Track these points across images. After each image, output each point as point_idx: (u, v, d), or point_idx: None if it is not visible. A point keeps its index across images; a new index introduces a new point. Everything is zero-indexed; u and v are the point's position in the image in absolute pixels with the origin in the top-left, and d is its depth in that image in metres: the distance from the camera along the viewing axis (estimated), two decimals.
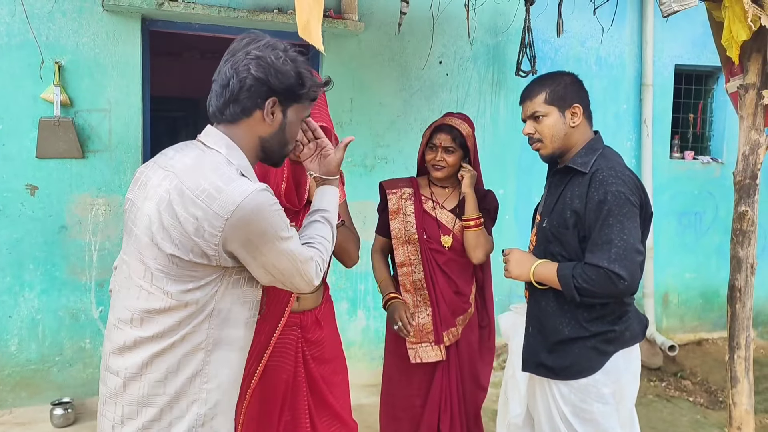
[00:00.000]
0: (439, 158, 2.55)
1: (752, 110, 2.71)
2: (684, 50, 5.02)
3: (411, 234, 2.58)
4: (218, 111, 1.48)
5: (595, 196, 1.93)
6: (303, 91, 1.49)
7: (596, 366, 1.99)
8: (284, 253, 1.45)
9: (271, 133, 1.50)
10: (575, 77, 2.13)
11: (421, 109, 4.32)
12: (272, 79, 1.44)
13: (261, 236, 1.40)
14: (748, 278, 2.74)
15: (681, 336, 5.18)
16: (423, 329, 2.56)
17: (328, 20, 3.90)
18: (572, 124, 2.06)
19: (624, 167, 2.00)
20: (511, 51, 4.42)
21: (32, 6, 3.48)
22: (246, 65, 1.43)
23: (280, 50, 1.46)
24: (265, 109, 1.46)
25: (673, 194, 5.11)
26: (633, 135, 4.95)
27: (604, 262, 1.87)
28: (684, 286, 5.22)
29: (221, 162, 1.43)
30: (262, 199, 1.38)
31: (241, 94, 1.44)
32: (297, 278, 1.50)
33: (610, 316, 2.01)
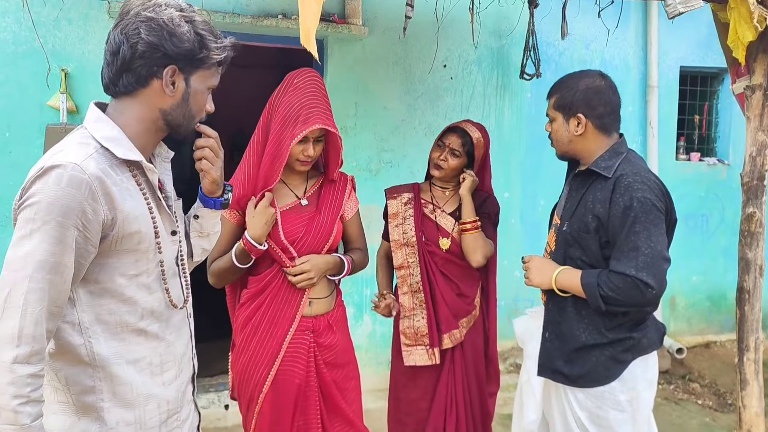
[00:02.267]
0: (443, 158, 2.57)
1: (759, 111, 2.71)
2: (689, 52, 5.01)
3: (409, 237, 2.60)
4: (111, 83, 1.32)
5: (620, 202, 1.88)
6: (204, 54, 1.32)
7: (613, 375, 1.96)
8: (12, 250, 1.19)
9: (173, 105, 1.33)
10: (597, 82, 2.03)
11: (426, 113, 4.32)
12: (167, 43, 1.27)
13: (20, 210, 1.21)
14: (756, 280, 2.74)
15: (689, 339, 5.15)
16: (418, 332, 2.56)
17: (332, 25, 3.91)
18: (576, 133, 2.02)
19: (649, 172, 1.96)
20: (516, 54, 4.42)
21: (38, 14, 3.49)
22: (136, 29, 1.26)
23: (174, 9, 1.29)
24: (164, 78, 1.29)
25: (680, 196, 5.05)
26: (639, 137, 4.94)
27: (632, 270, 1.84)
28: (691, 288, 5.19)
29: (76, 136, 1.30)
30: (56, 173, 1.19)
31: (134, 62, 1.27)
32: None
33: (629, 323, 1.98)
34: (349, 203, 2.29)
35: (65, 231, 1.18)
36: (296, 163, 2.11)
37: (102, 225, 1.24)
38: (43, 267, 1.16)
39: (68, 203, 1.18)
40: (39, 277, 1.16)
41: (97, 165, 1.23)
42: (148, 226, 1.33)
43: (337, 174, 2.27)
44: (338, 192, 2.26)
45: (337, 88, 4.12)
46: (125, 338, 1.32)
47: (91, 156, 1.24)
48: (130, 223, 1.28)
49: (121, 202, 1.26)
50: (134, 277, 1.32)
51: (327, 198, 2.22)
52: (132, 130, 1.32)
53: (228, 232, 2.13)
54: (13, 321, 1.14)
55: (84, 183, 1.20)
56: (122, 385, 1.31)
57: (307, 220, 2.16)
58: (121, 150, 1.28)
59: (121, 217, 1.26)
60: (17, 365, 1.13)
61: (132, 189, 1.31)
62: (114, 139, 1.28)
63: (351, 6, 4.02)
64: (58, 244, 1.18)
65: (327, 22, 3.92)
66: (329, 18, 3.96)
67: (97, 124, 1.30)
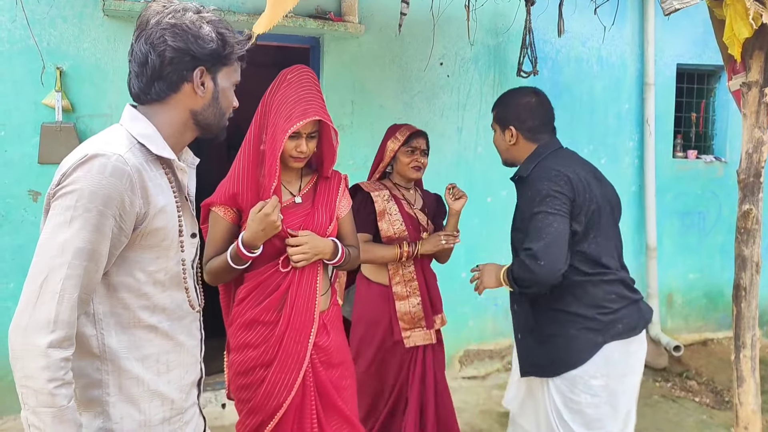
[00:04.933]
0: (418, 159, 2.78)
1: (755, 108, 2.70)
2: (685, 49, 5.01)
3: (401, 231, 2.73)
4: (142, 92, 1.35)
5: (526, 196, 2.11)
6: (228, 51, 1.38)
7: (584, 357, 2.02)
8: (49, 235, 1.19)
9: (204, 105, 1.38)
10: (527, 99, 2.28)
11: (422, 111, 4.32)
12: (193, 46, 1.31)
13: (59, 196, 1.20)
14: (753, 277, 2.73)
15: (686, 336, 5.15)
16: (415, 317, 2.74)
17: (329, 23, 3.90)
18: (510, 143, 2.29)
19: (560, 165, 2.11)
20: (513, 52, 4.42)
21: (33, 12, 3.48)
22: (161, 37, 1.30)
23: (193, 12, 1.34)
24: (194, 80, 1.34)
25: (676, 194, 5.09)
26: (635, 135, 4.94)
27: (525, 245, 2.02)
28: (688, 286, 5.20)
29: (115, 131, 1.33)
30: (100, 162, 1.21)
31: (164, 69, 1.31)
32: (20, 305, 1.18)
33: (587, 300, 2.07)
34: (343, 201, 2.28)
35: (105, 220, 1.20)
36: (289, 159, 2.10)
37: (136, 216, 1.26)
38: (81, 254, 1.18)
39: (110, 193, 1.20)
40: (77, 264, 1.17)
41: (137, 158, 1.27)
42: (174, 224, 1.35)
43: (331, 171, 2.26)
44: (333, 190, 2.25)
45: (333, 86, 4.11)
46: (136, 333, 1.33)
47: (129, 149, 1.27)
48: (159, 219, 1.31)
49: (154, 196, 1.29)
50: (153, 274, 1.33)
51: (322, 195, 2.22)
52: (164, 132, 1.35)
53: (223, 230, 2.12)
54: (50, 306, 1.15)
55: (126, 174, 1.22)
56: (129, 379, 1.31)
57: (303, 217, 2.15)
58: (155, 146, 1.31)
59: (153, 212, 1.29)
60: (52, 350, 1.15)
61: (164, 185, 1.34)
62: (149, 136, 1.32)
63: (347, 4, 4.01)
64: (97, 232, 1.19)
65: (323, 20, 3.91)
66: (325, 16, 3.95)
67: (133, 122, 1.33)
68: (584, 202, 2.08)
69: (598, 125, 4.83)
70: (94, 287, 1.24)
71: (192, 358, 1.46)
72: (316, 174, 2.28)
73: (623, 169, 4.92)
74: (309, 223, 2.14)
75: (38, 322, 1.15)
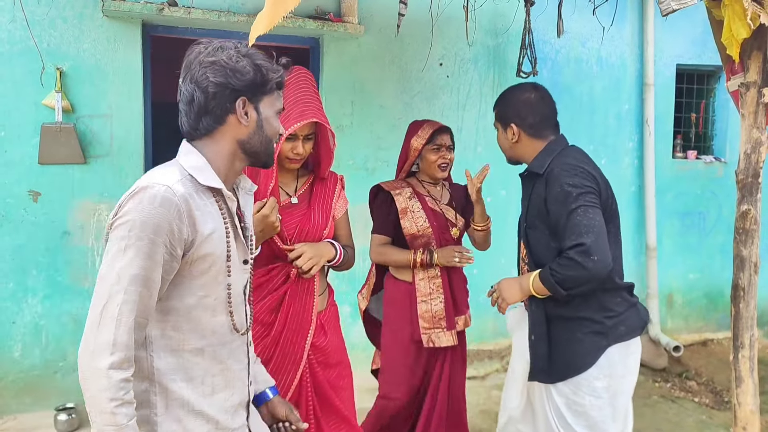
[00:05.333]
0: (445, 157, 2.73)
1: (753, 108, 2.70)
2: (685, 49, 5.01)
3: (425, 228, 2.69)
4: (192, 129, 1.45)
5: (554, 191, 2.02)
6: (266, 81, 1.46)
7: (590, 362, 2.01)
8: (108, 264, 1.29)
9: (250, 134, 1.46)
10: (527, 95, 2.23)
11: (422, 111, 4.32)
12: (232, 79, 1.40)
13: (114, 227, 1.31)
14: (751, 277, 2.73)
15: (686, 336, 5.15)
16: (436, 316, 2.67)
17: (328, 24, 3.91)
18: (512, 140, 2.24)
19: (579, 161, 2.07)
20: (512, 52, 4.42)
21: (33, 13, 3.49)
22: (203, 74, 1.41)
23: (231, 49, 1.44)
24: (237, 111, 1.43)
25: (676, 194, 5.09)
26: (635, 135, 4.94)
27: (571, 241, 1.92)
28: (688, 286, 5.20)
29: (168, 165, 1.43)
30: (150, 193, 1.30)
31: (209, 104, 1.42)
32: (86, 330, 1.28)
33: (596, 305, 2.03)
34: (339, 202, 2.29)
35: (156, 248, 1.28)
36: (285, 161, 2.11)
37: (184, 243, 1.34)
38: (135, 280, 1.27)
39: (159, 222, 1.28)
40: (132, 290, 1.26)
41: (184, 189, 1.35)
42: (222, 250, 1.41)
43: (328, 172, 2.27)
44: (329, 191, 2.26)
45: (333, 86, 4.12)
46: (183, 356, 1.40)
47: (179, 180, 1.36)
48: (206, 245, 1.37)
49: (201, 224, 1.36)
50: (202, 298, 1.40)
51: (318, 196, 2.22)
52: (215, 163, 1.44)
53: None
54: (109, 330, 1.25)
55: (173, 204, 1.31)
56: (176, 399, 1.38)
57: (299, 218, 2.16)
58: (203, 177, 1.40)
59: (200, 239, 1.36)
60: (112, 371, 1.24)
61: (214, 213, 1.42)
62: (199, 168, 1.41)
63: (347, 4, 4.01)
64: (149, 259, 1.28)
65: (323, 21, 3.92)
66: (325, 16, 3.96)
67: (185, 155, 1.44)
68: (606, 200, 2.06)
69: (598, 126, 4.83)
70: (150, 312, 1.32)
71: (238, 381, 1.51)
72: (313, 175, 2.29)
73: (623, 169, 4.93)
74: (305, 223, 2.15)
75: (100, 345, 1.24)
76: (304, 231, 2.14)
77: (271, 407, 1.70)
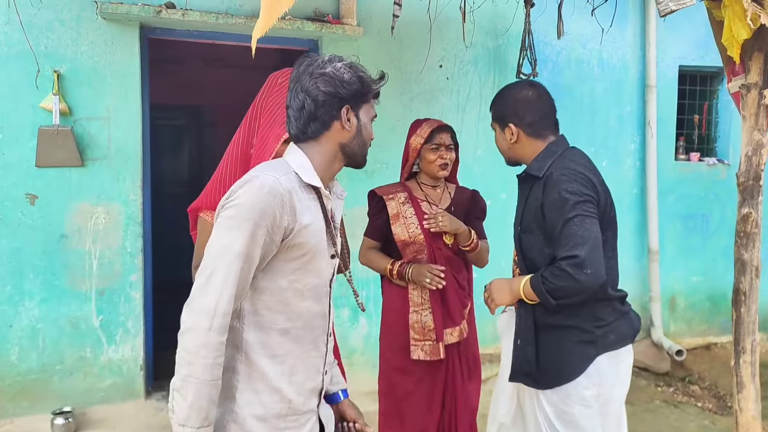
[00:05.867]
0: (444, 157, 2.63)
1: (754, 110, 2.67)
2: (688, 51, 4.97)
3: (416, 235, 2.61)
4: (300, 132, 1.59)
5: (551, 196, 1.95)
6: (368, 91, 1.61)
7: (578, 370, 1.97)
8: (216, 240, 1.44)
9: (351, 138, 1.60)
10: (524, 93, 2.15)
11: (421, 113, 4.28)
12: (340, 89, 1.55)
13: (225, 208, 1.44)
14: (753, 281, 2.70)
15: (689, 340, 5.11)
16: (425, 327, 2.59)
17: (327, 25, 3.89)
18: (511, 141, 2.15)
19: (579, 166, 2.00)
20: (512, 54, 4.39)
21: (30, 16, 3.48)
22: (314, 84, 1.54)
23: (338, 62, 1.59)
24: (341, 118, 1.56)
25: (679, 196, 5.05)
26: (637, 137, 4.90)
27: (565, 252, 1.87)
28: (691, 289, 5.15)
29: (277, 161, 1.59)
30: (259, 182, 1.44)
31: (318, 111, 1.55)
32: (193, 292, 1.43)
33: (586, 314, 1.99)
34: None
35: (258, 229, 1.41)
36: None
37: (284, 230, 1.46)
38: (238, 256, 1.40)
39: (264, 207, 1.42)
40: (235, 264, 1.40)
41: (290, 182, 1.49)
42: (316, 242, 1.53)
43: None
44: None
45: None
46: (270, 334, 1.52)
47: (286, 174, 1.50)
48: (302, 234, 1.49)
49: (301, 215, 1.49)
50: (293, 282, 1.52)
51: None
52: (316, 163, 1.57)
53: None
54: (213, 297, 1.39)
55: (278, 193, 1.44)
56: (257, 371, 1.50)
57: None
58: (306, 175, 1.54)
59: (298, 228, 1.48)
60: (212, 332, 1.38)
61: (312, 208, 1.54)
62: (303, 166, 1.55)
63: (346, 6, 3.99)
64: (252, 239, 1.41)
65: (321, 23, 3.90)
66: (323, 18, 3.94)
67: (293, 155, 1.59)
68: (605, 208, 1.99)
69: (599, 127, 4.79)
70: (247, 286, 1.46)
71: (314, 368, 1.61)
72: None
73: (625, 171, 4.89)
74: None
75: (204, 307, 1.39)
76: None
77: (342, 408, 1.83)
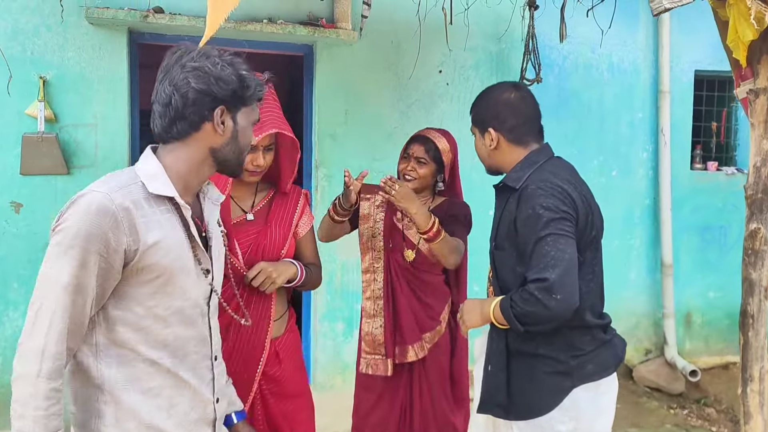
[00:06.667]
0: (410, 168, 2.49)
1: (764, 117, 2.47)
2: (704, 54, 4.72)
3: (377, 242, 2.51)
4: (164, 131, 1.41)
5: (524, 211, 1.77)
6: (248, 93, 1.43)
7: (552, 403, 1.78)
8: (43, 271, 1.28)
9: (224, 143, 1.43)
10: (506, 95, 1.95)
11: (420, 120, 4.13)
12: (214, 87, 1.37)
13: (54, 234, 1.29)
14: (761, 303, 2.50)
15: (705, 359, 4.84)
16: (375, 340, 2.46)
17: (320, 30, 3.77)
18: (490, 147, 1.96)
19: (559, 179, 1.81)
20: (516, 58, 4.21)
21: (17, 21, 3.44)
22: (185, 79, 1.36)
23: (216, 56, 1.40)
24: (214, 119, 1.39)
25: (695, 208, 4.80)
26: (650, 145, 4.68)
27: (534, 274, 1.69)
28: (708, 305, 4.89)
29: (122, 171, 1.41)
30: (85, 201, 1.28)
31: (186, 109, 1.37)
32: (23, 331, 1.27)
33: (560, 343, 1.80)
34: (303, 219, 2.13)
35: (89, 256, 1.25)
36: (244, 173, 1.96)
37: (124, 253, 1.29)
38: (67, 289, 1.24)
39: (92, 230, 1.25)
40: (64, 297, 1.24)
41: (128, 197, 1.31)
42: (172, 260, 1.36)
43: (289, 186, 2.11)
44: (290, 206, 2.10)
45: (325, 94, 3.98)
46: (136, 366, 1.35)
47: (125, 187, 1.32)
48: (151, 255, 1.32)
49: (144, 234, 1.31)
50: (151, 308, 1.36)
51: (277, 212, 2.07)
52: (179, 168, 1.41)
53: None
54: (40, 338, 1.24)
55: (109, 212, 1.27)
56: (127, 410, 1.34)
57: (254, 235, 2.00)
58: (154, 185, 1.36)
59: (143, 249, 1.31)
60: (40, 379, 1.22)
61: (164, 222, 1.36)
62: (151, 175, 1.37)
63: (340, 10, 3.87)
64: (82, 267, 1.25)
65: (315, 27, 3.78)
66: (317, 22, 3.82)
67: (143, 161, 1.41)
68: (585, 227, 1.80)
69: (609, 135, 4.58)
70: (85, 320, 1.29)
71: (199, 397, 1.44)
72: (273, 189, 2.13)
73: (636, 181, 4.66)
74: (261, 241, 1.99)
75: (31, 350, 1.24)
76: (259, 249, 1.98)
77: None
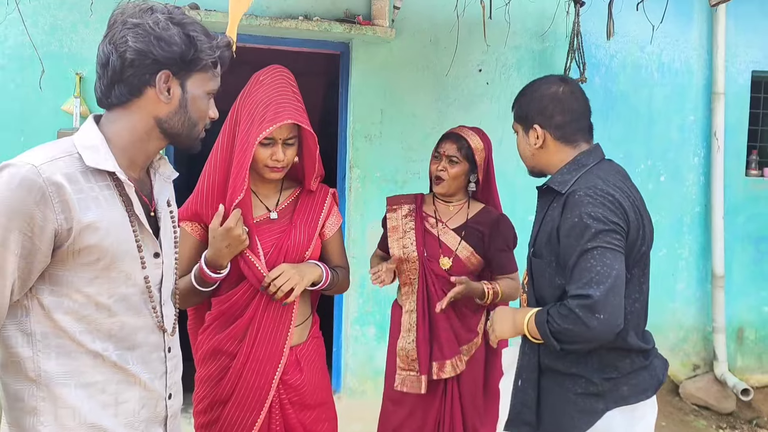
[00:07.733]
0: (441, 168, 2.35)
1: None
2: (763, 55, 4.45)
3: (410, 252, 2.37)
4: (103, 96, 1.27)
5: (569, 220, 1.60)
6: (196, 56, 1.26)
7: (583, 426, 1.63)
8: None
9: (170, 112, 1.28)
10: (553, 89, 1.78)
11: (458, 120, 3.94)
12: (155, 48, 1.21)
13: None
14: None
15: (759, 377, 4.56)
16: (409, 356, 2.34)
17: (357, 27, 3.68)
18: (535, 146, 1.78)
19: (609, 185, 1.64)
20: (559, 57, 4.05)
21: (55, 18, 3.46)
22: (123, 37, 1.21)
23: (160, 13, 1.23)
24: (157, 85, 1.24)
25: (750, 216, 4.53)
26: (701, 150, 4.43)
27: (577, 289, 1.53)
28: (762, 320, 4.60)
29: (56, 141, 1.26)
30: (8, 173, 1.13)
31: (125, 71, 1.22)
32: None
33: (596, 363, 1.65)
34: (330, 219, 2.03)
35: (9, 234, 1.12)
36: (265, 170, 1.87)
37: (54, 233, 1.15)
38: None
39: (14, 205, 1.12)
40: None
41: (60, 170, 1.16)
42: (114, 241, 1.22)
43: (315, 185, 2.02)
44: (317, 206, 2.00)
45: (362, 93, 3.88)
46: (78, 358, 1.22)
47: (57, 159, 1.18)
48: (89, 236, 1.18)
49: (80, 212, 1.17)
50: (93, 296, 1.22)
51: (303, 212, 1.97)
52: (122, 140, 1.27)
53: (191, 247, 1.91)
54: None
55: (36, 187, 1.13)
56: (66, 408, 1.20)
57: (278, 235, 1.91)
58: (92, 158, 1.21)
59: (78, 228, 1.17)
60: None
61: (102, 199, 1.21)
62: (90, 146, 1.23)
63: (377, 6, 3.77)
64: (1, 246, 1.12)
65: (351, 24, 3.69)
66: (353, 19, 3.73)
67: (82, 130, 1.27)
68: (635, 241, 1.64)
69: (658, 138, 4.35)
70: (4, 303, 1.15)
71: (148, 393, 1.30)
72: (299, 188, 2.04)
73: (686, 187, 4.42)
74: (284, 241, 1.90)
75: None
76: (283, 250, 1.89)
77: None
